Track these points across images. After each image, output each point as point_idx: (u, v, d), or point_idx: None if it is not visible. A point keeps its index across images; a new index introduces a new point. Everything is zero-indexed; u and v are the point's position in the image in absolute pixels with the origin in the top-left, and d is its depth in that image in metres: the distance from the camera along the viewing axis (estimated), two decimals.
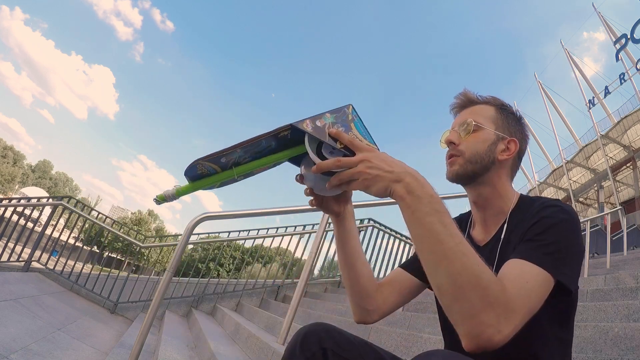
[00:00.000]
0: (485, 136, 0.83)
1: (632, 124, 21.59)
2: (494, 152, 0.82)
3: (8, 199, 4.81)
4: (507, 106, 0.88)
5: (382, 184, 0.62)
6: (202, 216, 2.21)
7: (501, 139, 0.84)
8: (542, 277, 0.62)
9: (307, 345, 0.78)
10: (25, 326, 2.63)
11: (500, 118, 0.85)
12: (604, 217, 7.71)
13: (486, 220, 0.85)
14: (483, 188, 0.83)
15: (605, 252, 5.42)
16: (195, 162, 0.65)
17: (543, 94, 28.77)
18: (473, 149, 0.82)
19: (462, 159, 0.82)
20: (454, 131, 0.85)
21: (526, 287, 0.59)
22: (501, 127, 0.84)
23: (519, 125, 0.87)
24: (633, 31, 19.82)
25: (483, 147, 0.82)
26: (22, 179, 58.89)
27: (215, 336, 2.79)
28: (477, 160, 0.81)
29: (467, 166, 0.82)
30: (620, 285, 2.98)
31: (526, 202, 0.80)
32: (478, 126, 0.83)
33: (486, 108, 0.86)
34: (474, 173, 0.82)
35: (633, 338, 1.52)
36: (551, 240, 0.66)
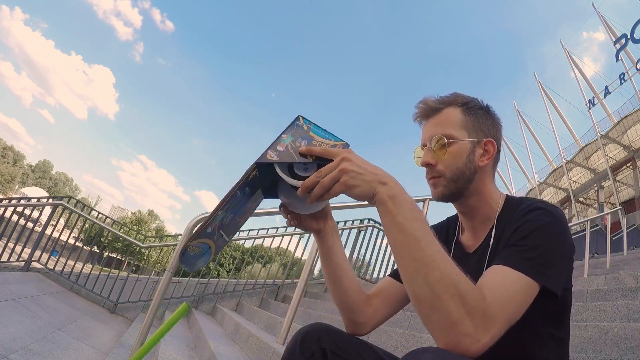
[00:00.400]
0: (461, 148, 0.79)
1: (632, 124, 21.59)
2: (474, 161, 0.79)
3: (8, 199, 4.81)
4: (471, 102, 0.83)
5: (367, 184, 0.61)
6: (202, 216, 2.21)
7: (477, 144, 0.80)
8: (523, 282, 0.61)
9: (307, 345, 0.78)
10: (25, 326, 2.63)
11: (469, 120, 0.81)
12: (604, 217, 7.71)
13: (475, 227, 0.84)
14: (470, 199, 0.82)
15: (605, 252, 5.42)
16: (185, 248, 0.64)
17: (543, 94, 28.78)
18: (452, 166, 0.79)
19: (444, 179, 0.79)
20: (427, 150, 0.81)
21: (506, 295, 0.58)
22: (473, 131, 0.81)
23: (489, 118, 0.83)
24: (633, 31, 19.82)
25: (461, 161, 0.79)
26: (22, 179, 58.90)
27: (215, 336, 2.79)
28: (460, 176, 0.79)
29: (451, 186, 0.79)
30: (620, 285, 2.98)
31: (512, 205, 0.79)
32: (450, 141, 0.79)
33: (452, 113, 0.81)
34: (459, 190, 0.80)
35: (633, 338, 1.52)
36: (534, 244, 0.66)
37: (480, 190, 0.81)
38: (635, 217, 19.13)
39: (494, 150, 0.81)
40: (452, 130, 0.79)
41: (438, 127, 0.80)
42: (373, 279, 5.34)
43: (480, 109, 0.82)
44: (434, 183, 0.81)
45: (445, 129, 0.79)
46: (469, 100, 0.83)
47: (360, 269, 5.66)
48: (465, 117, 0.80)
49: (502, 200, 0.82)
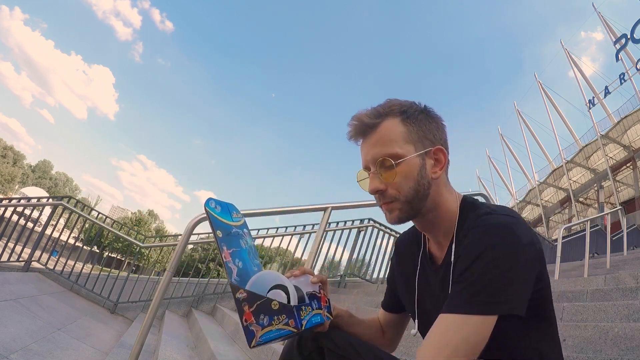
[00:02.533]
0: (411, 166, 0.72)
1: (632, 124, 21.61)
2: (426, 176, 0.73)
3: (8, 199, 4.81)
4: (409, 108, 0.75)
5: None
6: (202, 216, 2.21)
7: (426, 155, 0.74)
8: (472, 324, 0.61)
9: (305, 344, 0.78)
10: (25, 326, 2.63)
11: (412, 130, 0.73)
12: (604, 217, 7.72)
13: (438, 240, 0.79)
14: (427, 215, 0.76)
15: (605, 252, 5.42)
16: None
17: (543, 94, 28.79)
18: (405, 188, 0.72)
19: (399, 202, 0.73)
20: (374, 175, 0.73)
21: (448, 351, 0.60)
22: (419, 141, 0.73)
23: (431, 122, 0.76)
24: (633, 31, 19.83)
25: (413, 179, 0.72)
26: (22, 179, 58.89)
27: (215, 336, 2.79)
28: (414, 196, 0.73)
29: (406, 207, 0.73)
30: (620, 285, 2.98)
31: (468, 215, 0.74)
32: (398, 161, 0.71)
33: (391, 126, 0.73)
34: (416, 209, 0.74)
35: (633, 338, 1.52)
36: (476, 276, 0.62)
37: (437, 203, 0.75)
38: (635, 217, 19.14)
39: (445, 158, 0.75)
40: (396, 147, 0.72)
41: (379, 146, 0.73)
42: (373, 279, 5.34)
43: (421, 113, 0.75)
44: (388, 209, 0.75)
45: (388, 148, 0.72)
46: (407, 106, 0.75)
47: (361, 269, 5.67)
48: (407, 127, 0.73)
49: (459, 205, 0.77)
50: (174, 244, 5.29)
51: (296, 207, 2.67)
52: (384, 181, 0.73)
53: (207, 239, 5.74)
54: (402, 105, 0.75)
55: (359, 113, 0.75)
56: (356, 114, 0.75)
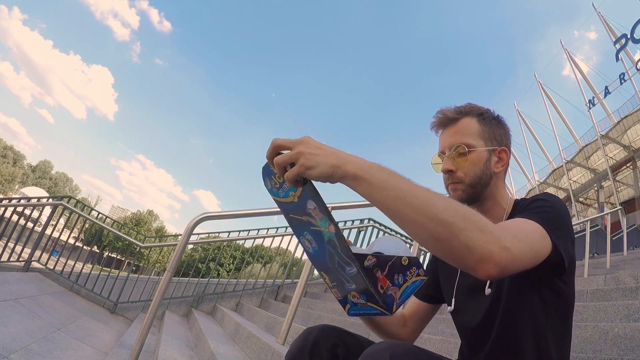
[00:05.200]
0: (479, 156, 0.85)
1: (632, 124, 21.59)
2: (490, 168, 0.86)
3: (8, 199, 4.81)
4: (486, 112, 0.89)
5: (324, 164, 0.58)
6: (202, 216, 2.21)
7: (492, 152, 0.87)
8: (540, 232, 0.66)
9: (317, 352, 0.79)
10: (25, 326, 2.63)
11: (485, 130, 0.87)
12: (604, 217, 7.72)
13: None
14: (485, 203, 0.88)
15: (605, 252, 5.42)
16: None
17: (543, 93, 28.78)
18: (471, 173, 0.85)
19: (463, 184, 0.85)
20: (447, 158, 0.86)
21: (523, 235, 0.62)
22: (489, 140, 0.87)
23: (501, 128, 0.89)
24: (633, 31, 19.83)
25: (479, 168, 0.85)
26: (22, 179, 58.86)
27: (215, 336, 2.79)
28: (478, 182, 0.85)
29: (469, 190, 0.85)
30: (620, 285, 2.98)
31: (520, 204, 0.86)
32: (470, 150, 0.85)
33: (469, 123, 0.87)
34: (476, 194, 0.86)
35: (633, 338, 1.52)
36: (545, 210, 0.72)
37: (494, 195, 0.88)
38: (635, 217, 19.14)
39: (507, 158, 0.88)
40: (470, 139, 0.85)
41: (457, 136, 0.86)
42: None
43: (494, 119, 0.89)
44: (453, 188, 0.86)
45: (465, 138, 0.85)
46: (484, 110, 0.89)
47: None
48: (482, 127, 0.87)
49: (511, 203, 0.88)
50: (174, 244, 5.29)
51: None
52: (455, 164, 0.85)
53: (207, 238, 5.74)
54: (480, 109, 0.89)
55: (444, 108, 0.89)
56: (441, 108, 0.90)
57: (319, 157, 0.58)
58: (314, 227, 0.62)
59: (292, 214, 0.64)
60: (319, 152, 0.58)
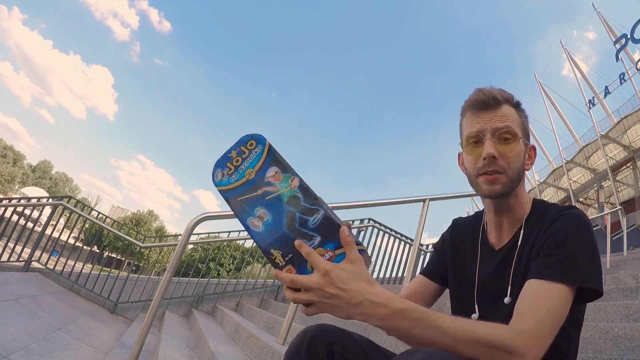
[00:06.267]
0: (520, 148, 0.78)
1: (632, 124, 21.58)
2: (523, 163, 0.79)
3: (8, 199, 4.81)
4: (520, 103, 0.82)
5: (342, 313, 0.60)
6: (202, 216, 2.21)
7: (525, 147, 0.80)
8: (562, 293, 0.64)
9: (314, 349, 0.76)
10: (25, 326, 2.63)
11: (522, 122, 0.80)
12: (604, 217, 7.71)
13: (502, 225, 0.83)
14: (510, 198, 0.80)
15: (605, 252, 5.42)
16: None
17: (543, 93, 28.78)
18: (515, 165, 0.77)
19: (506, 177, 0.76)
20: (490, 141, 0.76)
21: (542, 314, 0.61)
22: (525, 134, 0.80)
23: (528, 123, 0.83)
24: (633, 31, 19.82)
25: (520, 161, 0.78)
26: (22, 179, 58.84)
27: (215, 336, 2.79)
28: (517, 176, 0.78)
29: (510, 184, 0.77)
30: (620, 285, 2.98)
31: (540, 209, 0.80)
32: (516, 138, 0.77)
33: (510, 110, 0.79)
34: (512, 189, 0.78)
35: (633, 338, 1.52)
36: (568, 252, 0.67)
37: (518, 192, 0.81)
38: (635, 217, 19.14)
39: (535, 156, 0.83)
40: (515, 127, 0.77)
41: (505, 120, 0.77)
42: (373, 278, 5.33)
43: (524, 112, 0.82)
44: (491, 180, 0.76)
45: (512, 124, 0.77)
46: (519, 101, 0.82)
47: None
48: (520, 118, 0.80)
49: (530, 202, 0.82)
50: (174, 244, 5.29)
51: None
52: (499, 150, 0.76)
53: (207, 238, 5.74)
54: (515, 98, 0.81)
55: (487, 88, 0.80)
56: (484, 87, 0.80)
57: (337, 309, 0.60)
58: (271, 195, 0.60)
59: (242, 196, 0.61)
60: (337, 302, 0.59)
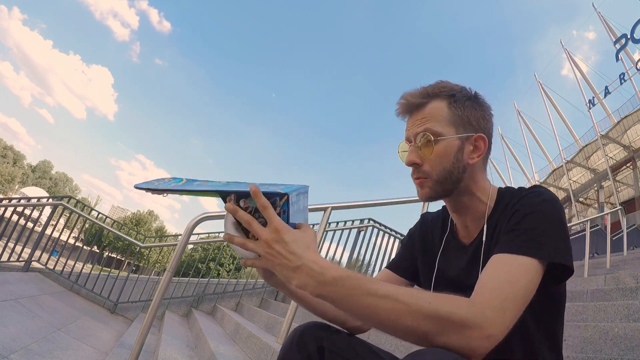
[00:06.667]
0: (449, 146, 0.74)
1: (632, 124, 21.58)
2: (462, 160, 0.75)
3: (8, 199, 4.81)
4: (458, 92, 0.76)
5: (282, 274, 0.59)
6: (202, 216, 2.21)
7: (466, 140, 0.75)
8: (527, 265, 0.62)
9: (304, 344, 0.76)
10: (25, 326, 2.63)
11: (456, 114, 0.75)
12: (604, 217, 7.72)
13: (466, 223, 0.81)
14: (461, 198, 0.78)
15: (605, 252, 5.42)
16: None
17: (543, 93, 28.77)
18: (439, 167, 0.74)
19: (430, 180, 0.75)
20: (413, 148, 0.76)
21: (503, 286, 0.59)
22: (461, 126, 0.75)
23: (479, 110, 0.77)
24: (633, 31, 19.82)
25: (448, 161, 0.74)
26: (22, 179, 58.83)
27: (215, 336, 2.79)
28: (447, 177, 0.75)
29: (437, 187, 0.75)
30: (620, 285, 2.98)
31: (505, 199, 0.76)
32: (437, 139, 0.74)
33: (437, 107, 0.75)
34: (446, 191, 0.76)
35: (633, 338, 1.52)
36: (530, 226, 0.65)
37: (471, 188, 0.77)
38: (635, 217, 19.14)
39: (485, 146, 0.76)
40: (438, 126, 0.74)
41: (423, 123, 0.75)
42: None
43: (469, 100, 0.76)
44: (420, 184, 0.77)
45: (431, 125, 0.74)
46: (457, 90, 0.77)
47: (360, 269, 5.66)
48: (452, 111, 0.75)
49: (495, 194, 0.78)
50: (174, 244, 5.29)
51: None
52: (421, 156, 0.75)
53: (207, 238, 5.74)
54: (452, 89, 0.76)
55: (409, 91, 0.78)
56: (406, 92, 0.78)
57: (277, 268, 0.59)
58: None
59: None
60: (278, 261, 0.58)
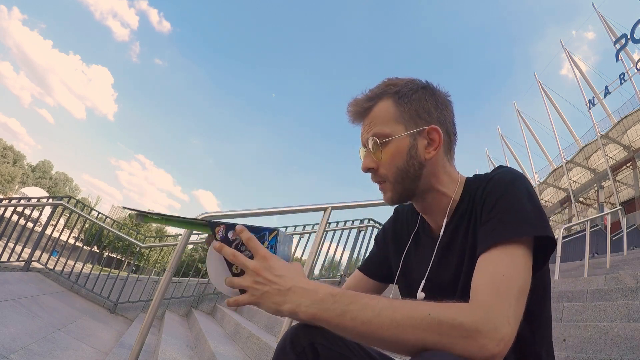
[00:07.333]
0: (399, 146, 0.72)
1: (632, 124, 21.59)
2: (417, 156, 0.72)
3: (8, 199, 4.81)
4: (404, 87, 0.74)
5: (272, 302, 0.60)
6: (202, 216, 2.21)
7: (418, 135, 0.73)
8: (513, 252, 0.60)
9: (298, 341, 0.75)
10: (25, 326, 2.63)
11: (404, 110, 0.72)
12: (604, 217, 7.72)
13: (435, 220, 0.79)
14: (425, 196, 0.76)
15: (605, 252, 5.42)
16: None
17: (543, 93, 28.77)
18: (393, 169, 0.73)
19: (389, 183, 0.74)
20: (367, 154, 0.75)
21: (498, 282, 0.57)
22: (410, 121, 0.73)
23: (429, 100, 0.74)
24: (633, 31, 19.83)
25: (401, 160, 0.72)
26: (22, 179, 58.85)
27: (215, 336, 2.79)
28: (403, 176, 0.73)
29: (398, 189, 0.74)
30: (620, 285, 2.98)
31: (472, 187, 0.73)
32: (384, 140, 0.72)
33: (384, 106, 0.73)
34: (408, 190, 0.74)
35: (633, 338, 1.52)
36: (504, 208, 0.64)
37: (434, 184, 0.74)
38: (635, 217, 19.14)
39: (440, 138, 0.73)
40: (384, 127, 0.72)
41: (372, 127, 0.74)
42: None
43: (416, 92, 0.74)
44: (381, 189, 0.76)
45: (378, 128, 0.73)
46: (402, 85, 0.74)
47: None
48: (399, 107, 0.73)
49: (461, 186, 0.75)
50: (174, 244, 5.29)
51: (296, 207, 2.67)
52: (374, 160, 0.74)
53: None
54: (398, 84, 0.74)
55: (355, 98, 0.76)
56: (352, 99, 0.76)
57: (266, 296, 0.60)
58: None
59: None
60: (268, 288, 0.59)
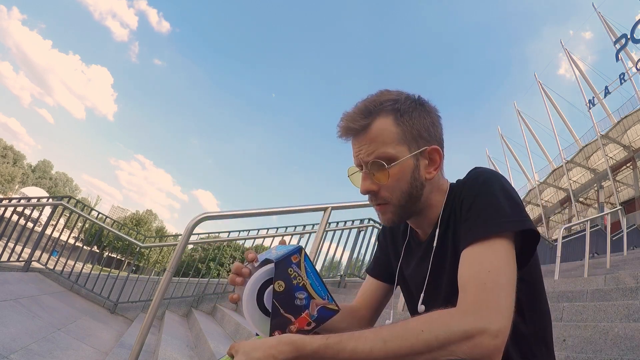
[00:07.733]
0: (404, 167, 0.69)
1: (632, 124, 21.60)
2: (419, 177, 0.71)
3: (8, 199, 4.81)
4: (403, 103, 0.70)
5: None
6: (202, 216, 2.21)
7: (420, 155, 0.71)
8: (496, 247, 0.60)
9: None
10: (25, 326, 2.63)
11: (405, 130, 0.69)
12: (604, 217, 7.72)
13: (425, 229, 0.78)
14: (420, 212, 0.75)
15: (605, 252, 5.42)
16: None
17: (542, 93, 28.78)
18: (397, 192, 0.70)
19: (391, 206, 0.72)
20: (366, 175, 0.71)
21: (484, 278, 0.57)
22: (413, 141, 0.70)
23: (426, 117, 0.71)
24: (633, 31, 19.83)
25: (406, 182, 0.70)
26: (22, 179, 58.86)
27: (215, 336, 2.79)
28: (407, 199, 0.71)
29: (400, 212, 0.72)
30: (620, 285, 2.98)
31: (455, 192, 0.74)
32: (392, 165, 0.69)
33: (383, 124, 0.69)
34: (409, 212, 0.74)
35: (633, 338, 1.52)
36: (482, 205, 0.64)
37: (428, 199, 0.74)
38: (635, 217, 19.15)
39: (440, 158, 0.72)
40: (388, 148, 0.69)
41: (372, 146, 0.69)
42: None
43: (415, 109, 0.71)
44: (381, 210, 0.73)
45: (381, 149, 0.69)
46: (400, 101, 0.71)
47: (361, 269, 5.66)
48: (400, 127, 0.69)
49: (446, 195, 0.75)
50: (174, 244, 5.29)
51: (296, 207, 2.67)
52: (376, 182, 0.71)
53: (207, 239, 5.74)
54: (395, 100, 0.71)
55: (348, 113, 0.71)
56: (345, 114, 0.72)
57: None
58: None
59: None
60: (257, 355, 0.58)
